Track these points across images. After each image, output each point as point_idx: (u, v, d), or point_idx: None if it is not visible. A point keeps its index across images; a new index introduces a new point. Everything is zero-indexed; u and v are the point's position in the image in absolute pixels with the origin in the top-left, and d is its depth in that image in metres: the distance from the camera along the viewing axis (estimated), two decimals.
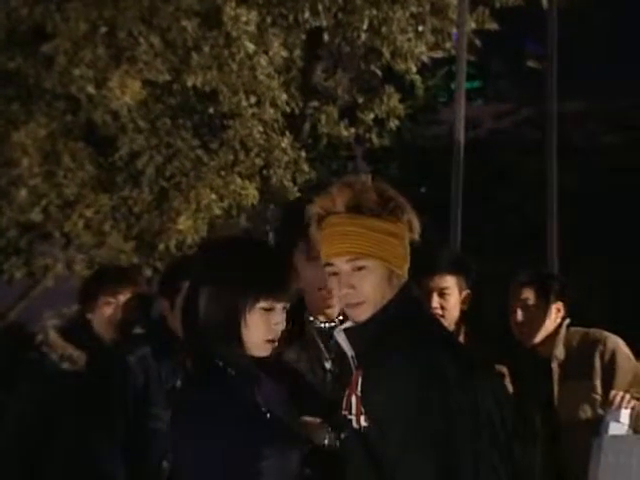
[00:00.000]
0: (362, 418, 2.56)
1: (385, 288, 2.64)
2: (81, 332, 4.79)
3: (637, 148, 17.49)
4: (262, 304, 2.63)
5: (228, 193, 11.25)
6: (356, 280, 2.61)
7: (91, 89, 10.75)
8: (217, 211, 11.17)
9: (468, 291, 4.31)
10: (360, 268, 2.60)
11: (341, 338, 2.68)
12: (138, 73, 10.79)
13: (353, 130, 12.88)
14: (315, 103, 12.83)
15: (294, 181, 11.90)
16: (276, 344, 2.67)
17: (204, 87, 11.02)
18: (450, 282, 4.30)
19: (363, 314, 2.64)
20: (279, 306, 2.68)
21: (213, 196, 11.18)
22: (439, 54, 12.25)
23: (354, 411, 2.58)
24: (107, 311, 4.78)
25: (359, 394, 2.58)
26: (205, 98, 11.37)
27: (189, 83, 10.95)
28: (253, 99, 11.25)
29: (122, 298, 4.79)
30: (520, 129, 20.80)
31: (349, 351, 2.67)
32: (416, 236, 2.66)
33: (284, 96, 11.40)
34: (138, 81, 10.77)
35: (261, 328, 2.65)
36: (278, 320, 2.66)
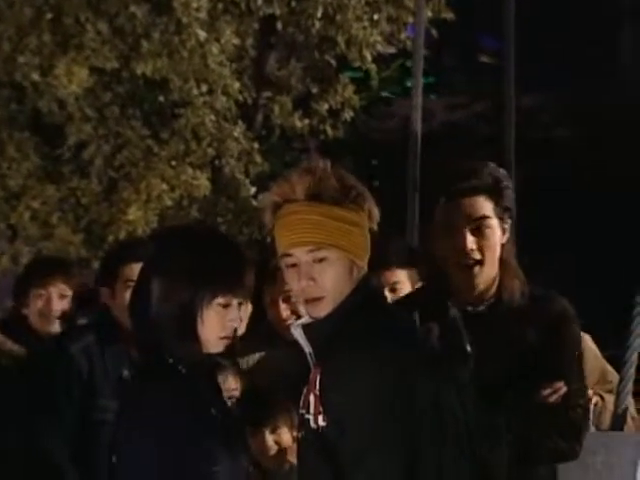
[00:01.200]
0: (320, 418, 2.46)
1: (346, 281, 2.54)
2: (18, 327, 4.68)
3: (591, 141, 17.45)
4: (220, 300, 2.56)
5: (179, 184, 11.13)
6: (317, 272, 2.49)
7: (36, 77, 10.60)
8: (168, 202, 11.05)
9: (421, 284, 4.07)
10: (321, 259, 2.48)
11: (298, 334, 2.57)
12: (85, 60, 10.64)
13: (307, 121, 12.72)
14: (268, 93, 12.68)
15: (247, 173, 11.71)
16: (229, 341, 2.60)
17: (154, 75, 10.90)
18: (401, 276, 4.18)
19: (323, 310, 2.52)
20: (235, 302, 2.59)
21: (164, 187, 11.05)
22: (393, 49, 12.04)
23: (312, 410, 2.48)
24: (39, 303, 4.67)
25: (317, 392, 2.47)
26: (155, 86, 11.26)
27: (138, 71, 10.84)
28: (204, 87, 11.12)
29: (53, 290, 4.67)
30: (474, 122, 20.79)
31: (307, 347, 2.56)
32: (375, 225, 2.57)
33: (236, 84, 11.28)
34: (85, 69, 10.62)
35: (217, 325, 2.57)
36: (234, 317, 2.58)
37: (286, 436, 3.53)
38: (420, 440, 2.37)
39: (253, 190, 11.69)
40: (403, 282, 4.15)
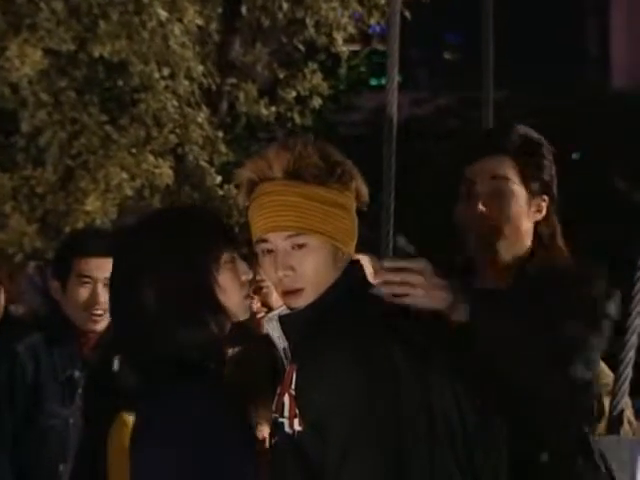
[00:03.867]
0: (296, 421, 2.30)
1: (329, 270, 2.38)
2: None
3: (553, 134, 17.48)
4: (225, 257, 2.36)
5: (140, 172, 10.82)
6: (296, 261, 2.33)
7: None
8: (128, 191, 10.75)
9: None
10: (301, 246, 2.32)
11: (271, 327, 2.42)
12: (39, 42, 10.35)
13: (273, 109, 12.49)
14: (233, 80, 12.40)
15: (211, 162, 11.42)
16: (251, 301, 2.45)
17: (112, 57, 10.61)
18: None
19: (303, 303, 2.36)
20: (237, 255, 2.41)
21: (124, 175, 10.75)
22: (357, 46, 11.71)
23: (287, 413, 2.32)
24: None
25: (293, 393, 2.30)
26: (113, 70, 10.98)
27: (96, 53, 10.54)
28: (166, 71, 10.83)
29: None
30: (437, 117, 21.00)
31: (281, 343, 2.41)
32: (364, 206, 2.41)
33: (200, 67, 11.02)
34: (39, 50, 10.31)
35: (235, 285, 2.37)
36: (244, 270, 2.40)
37: (267, 432, 3.14)
38: (408, 443, 2.23)
39: (219, 179, 11.34)
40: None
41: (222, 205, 11.07)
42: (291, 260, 2.32)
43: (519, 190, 2.77)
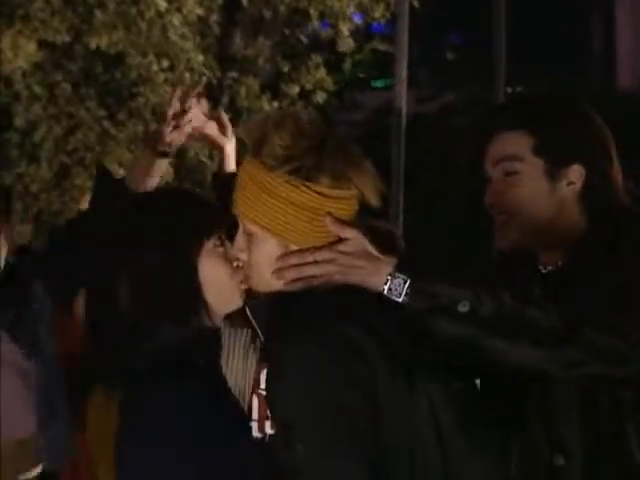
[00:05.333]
0: (267, 424, 2.28)
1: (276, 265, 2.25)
2: None
3: None
4: (214, 241, 2.26)
5: None
6: (247, 247, 2.20)
7: None
8: None
9: None
10: (250, 234, 2.19)
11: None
12: (33, 33, 10.24)
13: (276, 104, 12.26)
14: (234, 74, 12.21)
15: (212, 158, 11.22)
16: (245, 286, 2.29)
17: (109, 49, 10.48)
18: None
19: (256, 292, 2.25)
20: (224, 236, 2.29)
21: (122, 172, 10.23)
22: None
23: (256, 416, 2.31)
24: None
25: (263, 393, 2.26)
26: (111, 62, 10.84)
27: (92, 45, 10.40)
28: (165, 63, 10.71)
29: None
30: (442, 114, 21.06)
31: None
32: (373, 201, 2.16)
33: (200, 57, 10.87)
34: (33, 42, 10.23)
35: (225, 270, 2.26)
36: (232, 254, 2.29)
37: None
38: (389, 439, 2.09)
39: None
40: None
41: None
42: (243, 243, 2.20)
43: (531, 166, 2.48)
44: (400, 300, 2.11)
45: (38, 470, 3.03)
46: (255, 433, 2.29)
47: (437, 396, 2.13)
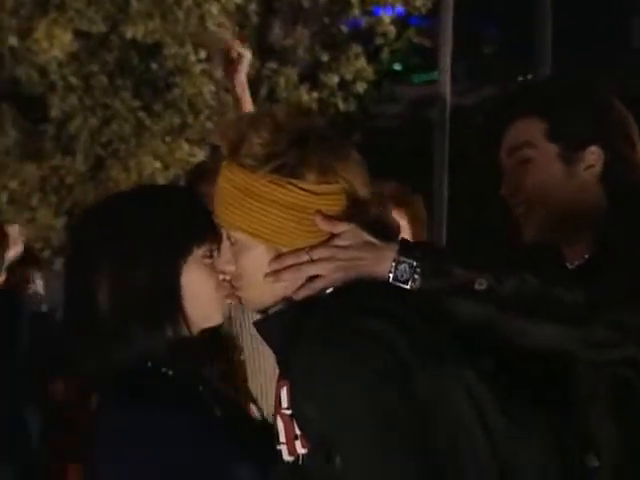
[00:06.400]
0: (298, 444, 2.08)
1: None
2: None
3: None
4: (200, 251, 2.19)
5: (174, 161, 10.63)
6: (233, 256, 2.11)
7: (14, 41, 10.12)
8: (162, 181, 10.47)
9: None
10: (234, 242, 2.09)
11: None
12: (68, 23, 10.13)
13: (315, 95, 12.18)
14: (273, 64, 12.08)
15: None
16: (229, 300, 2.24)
17: (145, 39, 10.39)
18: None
19: (250, 304, 2.14)
20: (216, 248, 2.20)
21: (157, 164, 10.60)
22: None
23: (283, 438, 2.10)
24: None
25: (287, 413, 2.08)
26: (147, 52, 10.79)
27: (128, 35, 10.30)
28: (203, 53, 10.59)
29: None
30: (481, 108, 21.14)
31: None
32: (361, 193, 2.05)
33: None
34: (68, 32, 10.12)
35: (209, 283, 2.20)
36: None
37: None
38: (437, 439, 1.98)
39: None
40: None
41: None
42: (229, 255, 2.11)
43: (545, 152, 2.41)
44: (409, 285, 2.02)
45: None
46: (286, 457, 2.11)
47: (472, 380, 2.03)
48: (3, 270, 4.21)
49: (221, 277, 2.17)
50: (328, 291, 2.04)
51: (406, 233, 3.54)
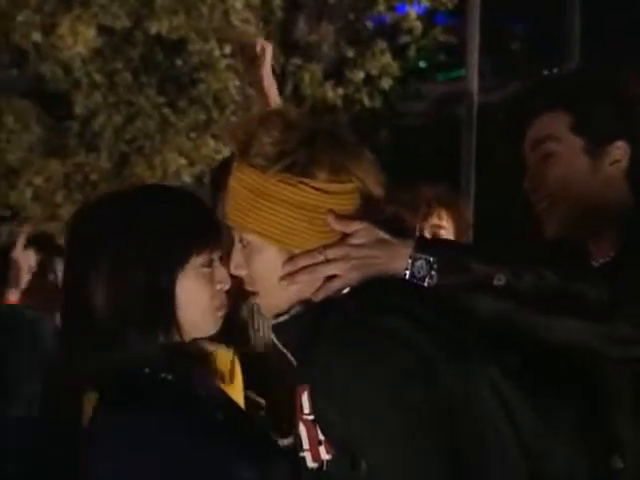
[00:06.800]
0: (322, 449, 2.04)
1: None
2: None
3: None
4: (198, 259, 2.15)
5: (200, 158, 10.58)
6: (245, 259, 2.09)
7: (37, 37, 10.09)
8: (187, 178, 10.52)
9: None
10: (246, 244, 2.07)
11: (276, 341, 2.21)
12: (92, 18, 10.11)
13: (340, 91, 12.12)
14: (297, 60, 12.05)
15: None
16: (225, 312, 2.22)
17: (170, 35, 10.37)
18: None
19: (266, 308, 2.12)
20: (216, 257, 2.19)
21: (182, 161, 10.54)
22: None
23: (306, 445, 2.06)
24: None
25: (309, 418, 2.05)
26: (171, 48, 10.74)
27: (152, 30, 10.29)
28: (227, 48, 10.48)
29: None
30: (506, 105, 21.11)
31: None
32: (374, 192, 2.03)
33: None
34: (92, 28, 10.11)
35: (203, 294, 2.17)
36: (221, 277, 2.19)
37: None
38: (462, 439, 1.96)
39: None
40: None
41: None
42: (241, 256, 2.09)
43: (569, 146, 2.37)
44: (426, 282, 1.99)
45: None
46: (310, 464, 2.07)
47: (496, 376, 2.01)
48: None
49: (218, 287, 2.16)
50: (344, 291, 2.02)
51: (450, 233, 3.65)
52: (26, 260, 4.09)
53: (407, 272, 1.98)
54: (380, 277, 2.02)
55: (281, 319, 2.11)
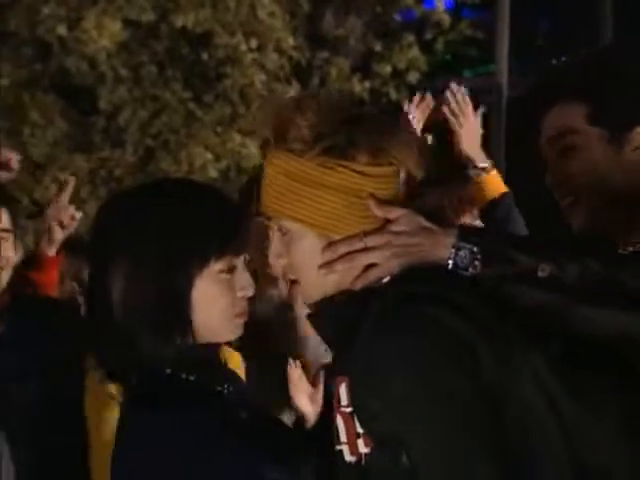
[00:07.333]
0: (360, 442, 2.01)
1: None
2: None
3: None
4: (217, 265, 2.11)
5: (225, 152, 10.54)
6: (284, 247, 2.03)
7: (62, 30, 10.09)
8: (213, 173, 10.46)
9: None
10: (284, 232, 2.02)
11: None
12: (118, 12, 10.13)
13: (367, 85, 12.05)
14: (324, 54, 11.99)
15: None
16: (244, 319, 2.18)
17: (196, 29, 10.35)
18: None
19: (306, 296, 2.06)
20: (240, 262, 2.15)
21: (208, 156, 10.49)
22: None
23: (344, 438, 2.04)
24: None
25: (347, 411, 2.03)
26: (197, 42, 10.69)
27: (178, 24, 10.28)
28: (254, 43, 10.53)
29: None
30: None
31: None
32: (418, 174, 1.97)
33: (290, 39, 10.73)
34: (118, 21, 10.13)
35: (222, 300, 2.13)
36: (244, 283, 2.15)
37: None
38: (509, 433, 1.90)
39: None
40: None
41: None
42: (280, 246, 2.04)
43: (588, 137, 2.28)
44: (469, 272, 1.94)
45: None
46: (347, 457, 2.04)
47: (540, 366, 1.95)
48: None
49: (240, 294, 2.13)
50: (384, 280, 1.98)
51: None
52: (60, 213, 4.09)
53: (450, 262, 1.93)
54: (421, 266, 1.98)
55: (319, 308, 2.07)
